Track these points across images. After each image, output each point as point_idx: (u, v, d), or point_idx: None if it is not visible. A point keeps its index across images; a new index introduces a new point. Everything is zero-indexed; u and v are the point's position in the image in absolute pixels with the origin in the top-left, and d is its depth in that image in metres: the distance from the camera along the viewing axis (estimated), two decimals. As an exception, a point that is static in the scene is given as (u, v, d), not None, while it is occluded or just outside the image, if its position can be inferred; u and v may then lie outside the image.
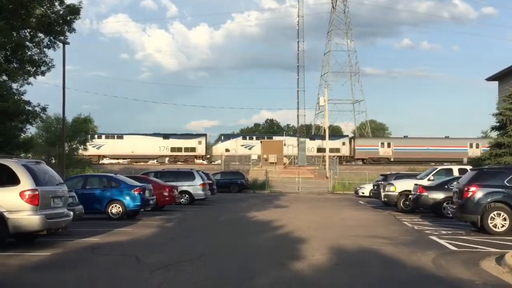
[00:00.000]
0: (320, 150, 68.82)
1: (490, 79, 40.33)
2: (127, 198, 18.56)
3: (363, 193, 36.09)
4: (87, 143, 52.70)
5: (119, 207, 18.46)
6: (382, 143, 72.85)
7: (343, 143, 73.56)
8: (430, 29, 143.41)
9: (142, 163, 64.82)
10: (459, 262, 9.92)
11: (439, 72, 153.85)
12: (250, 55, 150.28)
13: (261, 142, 65.68)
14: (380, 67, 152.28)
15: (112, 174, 20.88)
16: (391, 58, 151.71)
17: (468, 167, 23.32)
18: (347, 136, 77.91)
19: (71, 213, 12.86)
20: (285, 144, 64.88)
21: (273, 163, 59.12)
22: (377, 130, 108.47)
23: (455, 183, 18.73)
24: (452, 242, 12.58)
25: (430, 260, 10.08)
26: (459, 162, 63.57)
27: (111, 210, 18.44)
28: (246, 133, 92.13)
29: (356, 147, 72.26)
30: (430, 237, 13.75)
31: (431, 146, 70.03)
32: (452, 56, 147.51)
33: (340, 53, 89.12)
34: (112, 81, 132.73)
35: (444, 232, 14.90)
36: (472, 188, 14.74)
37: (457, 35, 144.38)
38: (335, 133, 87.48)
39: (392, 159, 70.76)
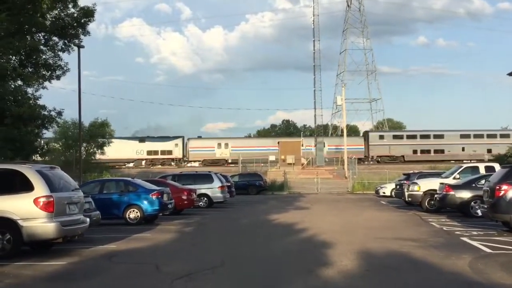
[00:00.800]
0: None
1: (513, 73, 39.36)
2: (145, 202, 18.17)
3: (384, 192, 35.35)
4: (104, 147, 52.60)
5: (137, 212, 18.08)
6: (219, 144, 69.08)
7: (176, 145, 68.86)
8: (446, 26, 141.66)
9: None
10: (498, 266, 9.32)
11: (456, 69, 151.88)
12: (265, 56, 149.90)
13: (278, 143, 65.12)
14: (396, 65, 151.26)
15: (129, 178, 20.51)
16: (407, 56, 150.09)
17: (495, 165, 22.63)
18: (181, 137, 71.29)
19: (88, 219, 12.43)
20: (302, 145, 64.14)
21: (291, 163, 58.52)
22: (395, 129, 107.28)
23: (483, 181, 18.14)
24: (486, 243, 11.94)
25: (467, 264, 9.48)
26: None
27: (129, 215, 18.05)
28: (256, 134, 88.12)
29: (189, 149, 68.64)
30: (462, 238, 13.12)
31: (264, 146, 67.64)
32: (469, 53, 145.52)
33: (356, 51, 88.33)
34: (128, 84, 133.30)
35: (475, 232, 14.26)
36: (504, 187, 14.05)
37: (474, 31, 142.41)
38: (351, 132, 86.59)
39: (230, 161, 67.74)
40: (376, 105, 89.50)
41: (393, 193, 31.36)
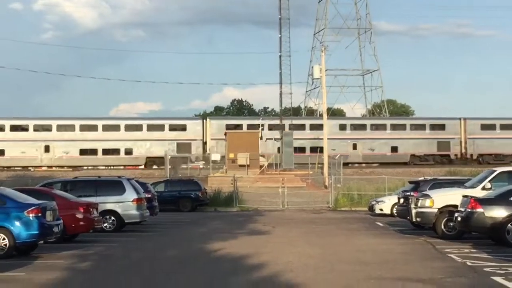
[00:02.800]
0: None
1: None
2: (17, 224, 17.86)
3: (381, 209, 35.71)
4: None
5: (4, 239, 17.76)
6: None
7: None
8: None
9: None
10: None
11: (487, 28, 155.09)
12: (208, 3, 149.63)
13: (225, 134, 65.10)
14: (401, 22, 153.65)
15: (-8, 187, 20.04)
16: (417, 8, 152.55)
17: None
18: None
19: None
20: (261, 138, 64.28)
21: (244, 165, 58.46)
22: (399, 114, 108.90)
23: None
24: (529, 286, 12.17)
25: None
26: None
27: (-9, 244, 17.71)
28: None
29: None
30: (493, 278, 13.39)
31: None
32: (506, 5, 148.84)
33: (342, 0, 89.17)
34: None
35: (513, 270, 14.52)
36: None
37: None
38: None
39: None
40: (372, 80, 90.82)
41: (394, 211, 31.66)
